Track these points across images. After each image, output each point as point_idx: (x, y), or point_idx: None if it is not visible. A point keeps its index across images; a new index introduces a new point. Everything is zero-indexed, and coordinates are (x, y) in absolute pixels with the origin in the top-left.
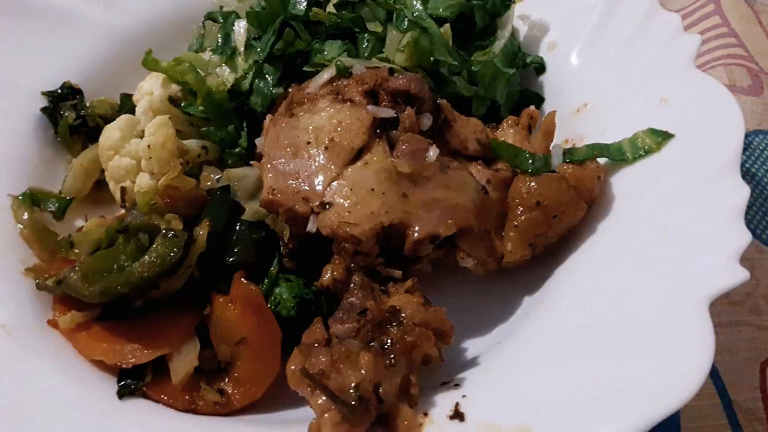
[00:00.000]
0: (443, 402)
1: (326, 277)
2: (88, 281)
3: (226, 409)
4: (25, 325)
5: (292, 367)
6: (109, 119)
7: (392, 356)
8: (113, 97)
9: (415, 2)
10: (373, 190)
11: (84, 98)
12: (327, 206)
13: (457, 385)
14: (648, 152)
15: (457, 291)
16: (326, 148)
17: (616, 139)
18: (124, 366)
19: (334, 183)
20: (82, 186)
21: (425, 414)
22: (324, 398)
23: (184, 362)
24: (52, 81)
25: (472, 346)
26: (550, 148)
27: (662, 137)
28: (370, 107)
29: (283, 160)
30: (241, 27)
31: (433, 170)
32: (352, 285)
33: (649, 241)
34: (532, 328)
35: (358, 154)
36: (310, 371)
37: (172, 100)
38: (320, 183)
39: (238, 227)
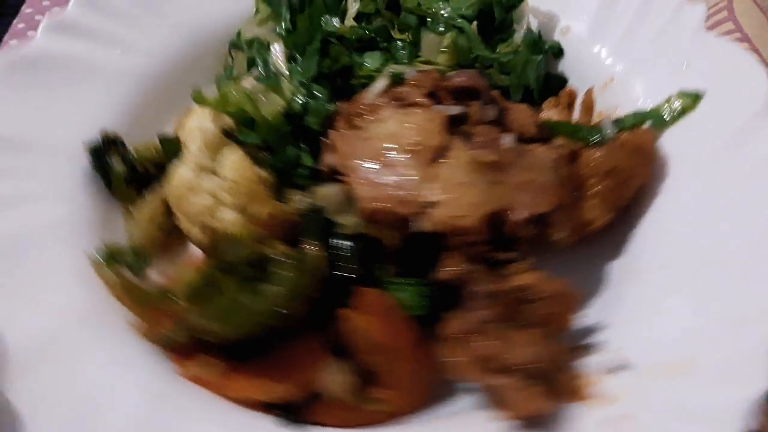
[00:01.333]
0: (598, 361)
1: (445, 271)
2: (218, 321)
3: (393, 417)
4: (166, 382)
5: (459, 358)
6: (157, 164)
7: (549, 330)
8: (146, 140)
9: (442, 5)
10: (466, 182)
11: (126, 146)
12: (430, 205)
13: (603, 342)
14: (685, 111)
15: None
16: (409, 151)
17: (649, 105)
18: (277, 402)
19: (429, 182)
20: (150, 236)
21: (587, 375)
22: (507, 379)
23: (338, 382)
24: (86, 133)
25: (592, 309)
26: (599, 121)
27: (694, 97)
28: (438, 107)
29: (369, 170)
30: (278, 51)
31: (512, 155)
32: (472, 275)
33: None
34: (644, 272)
35: (441, 152)
36: (477, 358)
37: (227, 133)
38: (416, 185)
39: (336, 242)
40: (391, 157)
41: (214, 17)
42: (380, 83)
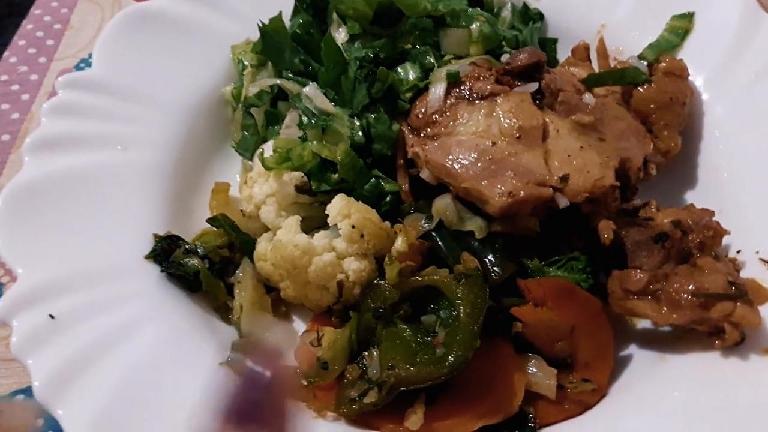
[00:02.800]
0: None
1: (605, 235)
2: (425, 365)
3: (601, 393)
4: None
5: (662, 308)
6: (226, 246)
7: (711, 252)
8: (188, 227)
9: (449, 2)
10: (582, 147)
11: (185, 240)
12: (566, 179)
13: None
14: (687, 31)
15: None
16: (518, 137)
17: (645, 37)
18: (498, 421)
19: (551, 159)
20: (260, 321)
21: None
22: (720, 304)
23: (546, 378)
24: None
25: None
26: (629, 61)
27: (689, 17)
28: (519, 88)
29: (483, 168)
30: (314, 92)
31: (600, 111)
32: (623, 230)
33: None
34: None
35: (546, 128)
36: (690, 295)
37: (301, 189)
38: (540, 165)
39: (475, 247)
40: (499, 147)
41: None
42: (439, 87)
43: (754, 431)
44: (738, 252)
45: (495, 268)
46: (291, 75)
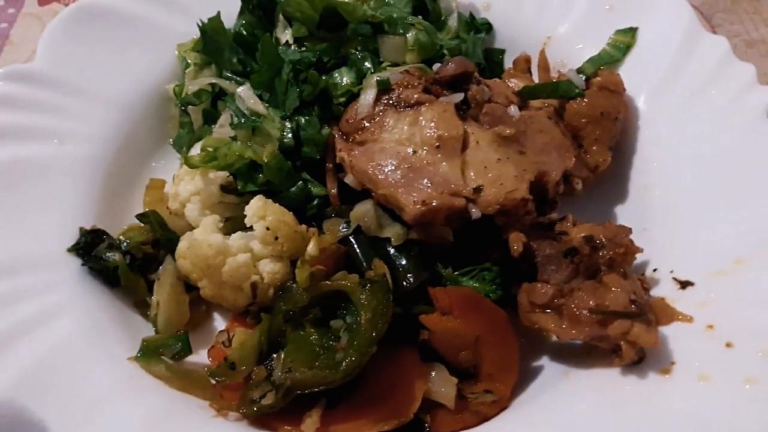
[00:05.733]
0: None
1: (515, 248)
2: (321, 370)
3: (502, 405)
4: None
5: (562, 323)
6: (150, 242)
7: (620, 269)
8: (121, 221)
9: (388, 9)
10: (499, 159)
11: (111, 235)
12: (479, 190)
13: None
14: (629, 47)
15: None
16: (437, 146)
17: (589, 50)
18: (392, 428)
19: (468, 169)
20: (179, 317)
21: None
22: (617, 322)
23: (445, 388)
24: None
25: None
26: (565, 73)
27: (632, 32)
28: (443, 98)
29: (399, 175)
30: (248, 93)
31: (522, 124)
32: (535, 243)
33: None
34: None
35: (465, 139)
36: (590, 311)
37: (226, 189)
38: (456, 176)
39: (392, 255)
40: (419, 156)
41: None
42: (369, 94)
43: None
44: (654, 270)
45: (408, 275)
46: (230, 75)
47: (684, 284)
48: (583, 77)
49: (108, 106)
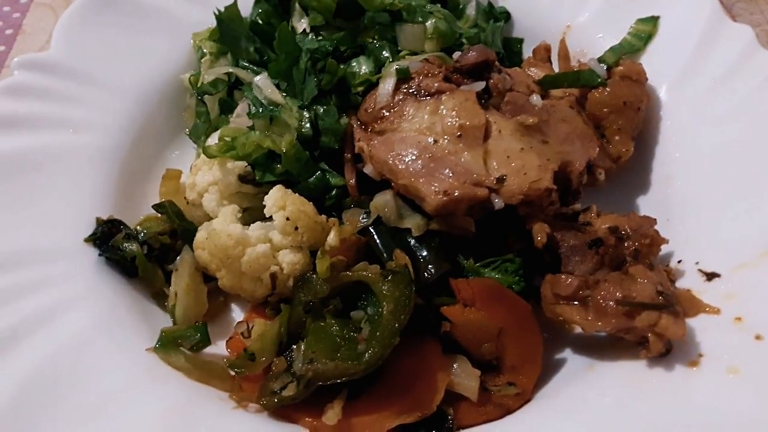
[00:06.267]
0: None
1: (539, 238)
2: (344, 361)
3: (525, 397)
4: None
5: (588, 315)
6: (168, 233)
7: (646, 261)
8: (138, 212)
9: None
10: (522, 149)
11: (128, 226)
12: (502, 180)
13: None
14: (651, 36)
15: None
16: (459, 135)
17: (609, 39)
18: (415, 420)
19: (490, 159)
20: (198, 308)
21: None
22: (645, 313)
23: (468, 380)
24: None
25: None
26: (586, 63)
27: (654, 21)
28: (464, 86)
29: (423, 166)
30: (263, 82)
31: (545, 113)
32: (559, 234)
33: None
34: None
35: (488, 128)
36: (617, 303)
37: (244, 179)
38: (479, 166)
39: (412, 245)
40: (440, 145)
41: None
42: (389, 83)
43: None
44: (679, 262)
45: (429, 267)
46: (246, 64)
47: (710, 276)
48: (605, 67)
49: (123, 95)
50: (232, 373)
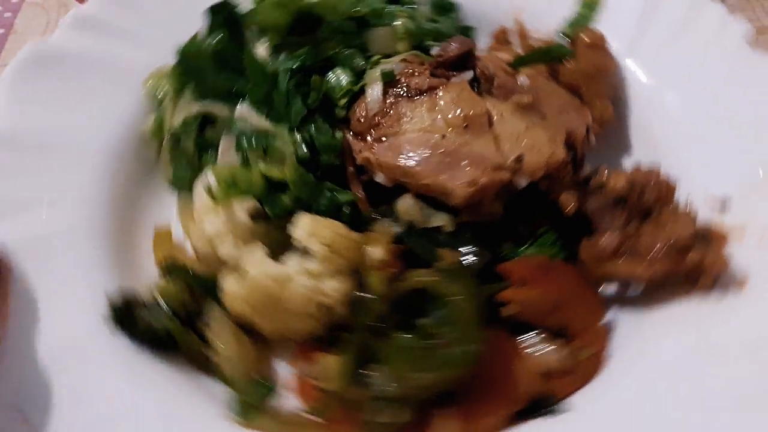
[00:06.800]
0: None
1: (571, 205)
2: (430, 372)
3: (599, 358)
4: None
5: (635, 266)
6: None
7: (669, 205)
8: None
9: (368, 1)
10: (527, 127)
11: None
12: (520, 160)
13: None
14: (597, 3)
15: None
16: (465, 126)
17: (559, 19)
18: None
19: (502, 143)
20: (248, 363)
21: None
22: (692, 252)
23: (551, 355)
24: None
25: None
26: (548, 38)
27: None
28: (455, 78)
29: (438, 162)
30: (247, 111)
31: (535, 90)
32: (587, 198)
33: None
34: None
35: (489, 114)
36: (663, 246)
37: (256, 217)
38: (492, 151)
39: (446, 242)
40: (449, 139)
41: None
42: (376, 88)
43: None
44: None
45: (472, 258)
46: (214, 99)
47: (722, 203)
48: (567, 39)
49: (84, 161)
50: (317, 419)
